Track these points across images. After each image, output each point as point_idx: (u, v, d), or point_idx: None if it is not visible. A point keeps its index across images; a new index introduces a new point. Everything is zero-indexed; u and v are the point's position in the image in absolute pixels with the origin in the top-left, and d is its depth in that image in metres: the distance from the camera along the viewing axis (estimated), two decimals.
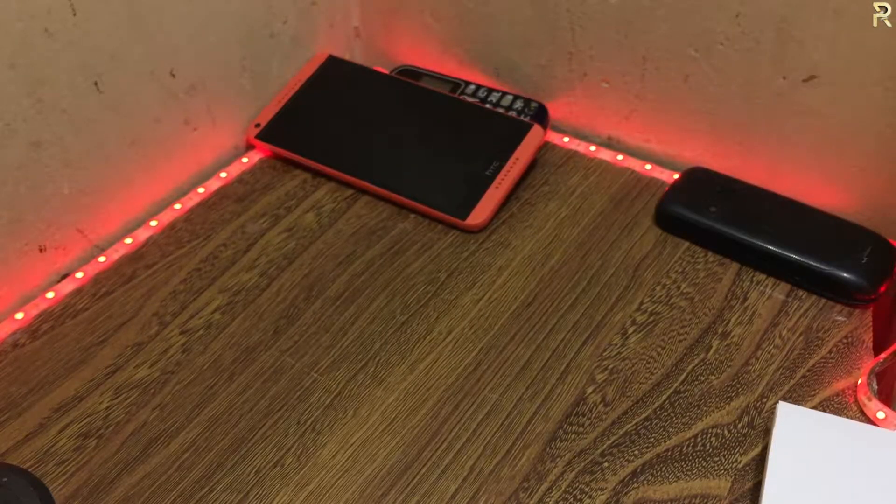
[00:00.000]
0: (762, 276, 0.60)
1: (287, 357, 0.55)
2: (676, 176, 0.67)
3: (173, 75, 0.64)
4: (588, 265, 0.61)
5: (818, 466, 0.46)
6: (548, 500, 0.48)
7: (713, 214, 0.62)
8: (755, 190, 0.64)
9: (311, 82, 0.74)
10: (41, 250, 0.60)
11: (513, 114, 0.71)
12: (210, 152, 0.70)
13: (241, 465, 0.50)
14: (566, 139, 0.72)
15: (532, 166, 0.69)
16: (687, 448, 0.50)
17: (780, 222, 0.61)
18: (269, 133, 0.71)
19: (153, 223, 0.65)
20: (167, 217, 0.65)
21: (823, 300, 0.58)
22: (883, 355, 0.53)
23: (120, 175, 0.63)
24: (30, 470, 0.48)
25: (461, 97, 0.73)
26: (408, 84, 0.74)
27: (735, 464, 0.49)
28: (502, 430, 0.51)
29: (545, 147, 0.71)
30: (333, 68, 0.75)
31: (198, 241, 0.64)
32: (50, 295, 0.59)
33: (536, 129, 0.68)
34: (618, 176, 0.69)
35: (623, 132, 0.71)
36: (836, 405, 0.52)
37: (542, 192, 0.67)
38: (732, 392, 0.53)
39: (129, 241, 0.64)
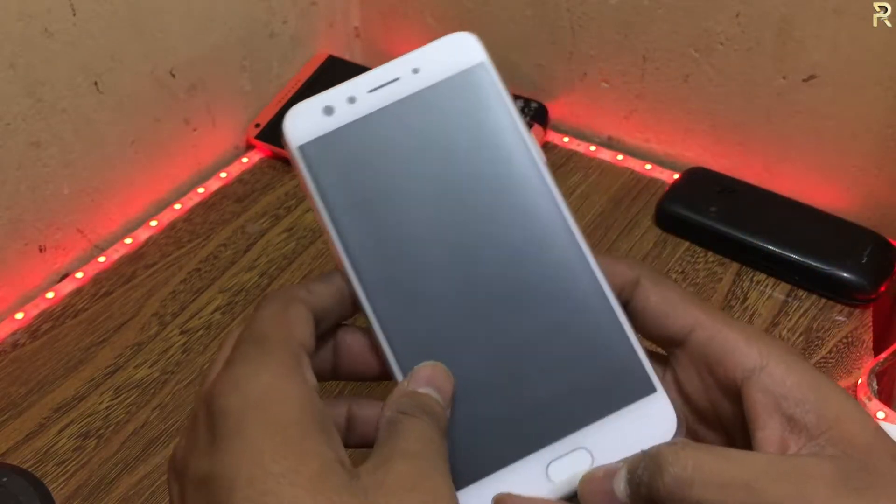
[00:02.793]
0: (762, 276, 0.60)
1: None
2: (676, 176, 0.67)
3: (173, 75, 0.64)
4: None
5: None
6: None
7: (713, 214, 0.62)
8: (755, 190, 0.64)
9: (311, 82, 0.74)
10: (41, 250, 0.60)
11: None
12: (210, 152, 0.70)
13: None
14: (566, 139, 0.72)
15: None
16: None
17: (780, 222, 0.61)
18: (270, 133, 0.71)
19: (153, 223, 0.65)
20: (167, 217, 0.65)
21: (823, 300, 0.58)
22: (883, 355, 0.53)
23: (120, 175, 0.63)
24: (30, 470, 0.48)
25: None
26: None
27: None
28: None
29: (545, 147, 0.71)
30: (333, 68, 0.75)
31: (198, 241, 0.64)
32: (50, 295, 0.59)
33: (536, 129, 0.68)
34: (618, 176, 0.69)
35: (623, 132, 0.71)
36: None
37: None
38: None
39: (129, 241, 0.64)
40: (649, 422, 0.30)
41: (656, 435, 0.29)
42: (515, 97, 0.72)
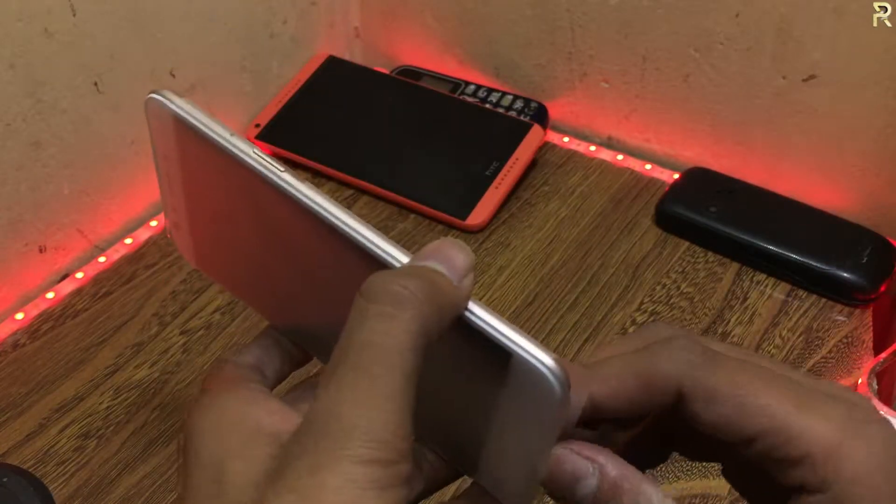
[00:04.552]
0: (762, 276, 0.60)
1: None
2: (676, 176, 0.67)
3: (173, 75, 0.64)
4: (588, 265, 0.61)
5: None
6: (548, 500, 0.47)
7: (713, 214, 0.62)
8: (755, 190, 0.64)
9: (311, 82, 0.73)
10: (41, 250, 0.60)
11: (513, 114, 0.71)
12: None
13: None
14: (566, 139, 0.72)
15: (532, 166, 0.69)
16: None
17: (780, 222, 0.61)
18: (269, 133, 0.71)
19: (153, 223, 0.65)
20: None
21: (823, 300, 0.58)
22: (883, 355, 0.53)
23: (120, 175, 0.63)
24: (30, 470, 0.48)
25: (461, 97, 0.73)
26: (408, 84, 0.74)
27: None
28: None
29: (545, 147, 0.71)
30: (333, 68, 0.75)
31: None
32: (50, 295, 0.59)
33: (536, 129, 0.68)
34: (618, 176, 0.69)
35: (623, 132, 0.71)
36: None
37: (542, 192, 0.67)
38: None
39: (129, 241, 0.64)
40: (536, 388, 0.24)
41: (547, 402, 0.24)
42: (515, 97, 0.72)
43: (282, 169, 0.27)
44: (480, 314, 0.25)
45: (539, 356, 0.24)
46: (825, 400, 0.24)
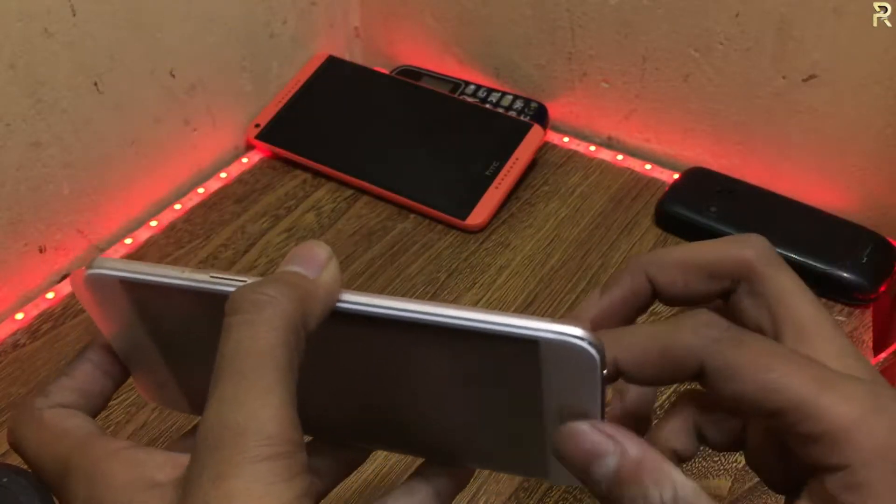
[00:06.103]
0: None
1: None
2: (676, 176, 0.67)
3: (173, 75, 0.64)
4: (588, 265, 0.61)
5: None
6: (548, 500, 0.47)
7: (713, 214, 0.62)
8: (755, 190, 0.64)
9: (311, 82, 0.74)
10: (41, 250, 0.60)
11: (513, 114, 0.71)
12: (210, 152, 0.70)
13: None
14: (566, 139, 0.72)
15: (532, 166, 0.69)
16: None
17: (781, 222, 0.61)
18: (269, 133, 0.71)
19: (153, 223, 0.65)
20: (167, 217, 0.65)
21: (823, 300, 0.58)
22: (883, 355, 0.53)
23: (120, 175, 0.63)
24: (30, 470, 0.48)
25: (461, 97, 0.73)
26: (408, 84, 0.74)
27: (735, 464, 0.49)
28: None
29: (545, 147, 0.71)
30: (333, 68, 0.75)
31: (197, 241, 0.64)
32: (50, 295, 0.59)
33: (536, 129, 0.68)
34: (618, 176, 0.69)
35: (623, 132, 0.71)
36: None
37: (542, 192, 0.67)
38: None
39: (129, 241, 0.64)
40: (573, 361, 0.24)
41: (588, 370, 0.25)
42: (515, 97, 0.73)
43: (244, 279, 0.26)
44: (486, 317, 0.25)
45: (567, 330, 0.24)
46: (847, 379, 0.24)
